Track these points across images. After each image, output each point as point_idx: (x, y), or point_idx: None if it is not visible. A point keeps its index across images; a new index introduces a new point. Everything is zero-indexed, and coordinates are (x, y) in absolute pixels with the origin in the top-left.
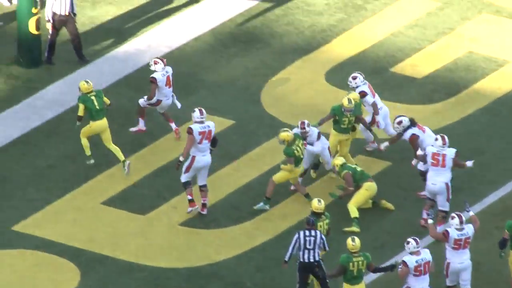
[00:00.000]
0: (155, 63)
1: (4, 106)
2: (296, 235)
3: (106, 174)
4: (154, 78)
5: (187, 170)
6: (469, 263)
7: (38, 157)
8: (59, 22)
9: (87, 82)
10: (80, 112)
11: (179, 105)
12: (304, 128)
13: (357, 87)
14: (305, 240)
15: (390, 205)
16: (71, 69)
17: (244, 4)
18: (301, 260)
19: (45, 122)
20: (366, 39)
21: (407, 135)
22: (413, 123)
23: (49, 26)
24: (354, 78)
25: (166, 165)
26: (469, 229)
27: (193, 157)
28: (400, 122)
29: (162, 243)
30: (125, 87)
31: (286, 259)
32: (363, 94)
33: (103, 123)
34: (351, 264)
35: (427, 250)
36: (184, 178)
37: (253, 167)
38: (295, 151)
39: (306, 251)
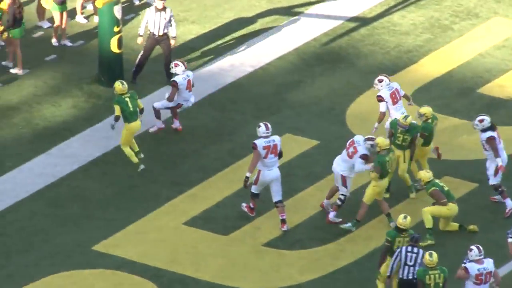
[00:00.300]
0: (176, 65)
1: (85, 124)
2: (398, 250)
3: (188, 194)
4: (175, 82)
5: (255, 183)
6: None
7: (119, 176)
8: (154, 41)
9: (122, 83)
10: (117, 112)
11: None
12: (371, 141)
13: (380, 90)
14: (406, 256)
15: (475, 227)
16: (152, 89)
17: (329, 23)
18: (401, 276)
19: None
20: (453, 59)
21: (485, 135)
22: (493, 127)
23: (140, 41)
24: (380, 81)
25: (249, 185)
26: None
27: (259, 171)
28: (482, 121)
29: (245, 263)
30: (208, 106)
31: (388, 274)
32: (379, 99)
33: (137, 124)
34: (427, 277)
35: (490, 260)
36: (253, 189)
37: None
38: (386, 162)
39: (406, 268)
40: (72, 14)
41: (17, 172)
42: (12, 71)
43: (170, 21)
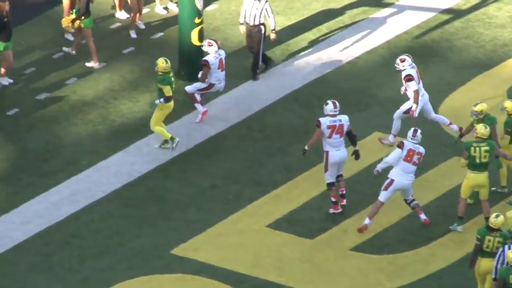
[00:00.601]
0: (209, 44)
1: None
2: (501, 249)
3: (272, 195)
4: (207, 61)
5: (326, 169)
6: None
7: (200, 176)
8: (248, 31)
9: (166, 61)
10: (169, 92)
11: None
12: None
13: (404, 70)
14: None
15: None
16: (235, 84)
17: (422, 15)
18: None
19: (208, 138)
20: None
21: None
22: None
23: (241, 29)
24: (402, 60)
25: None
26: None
27: (327, 152)
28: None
29: (331, 269)
30: (293, 102)
31: (494, 276)
32: (409, 78)
33: (172, 104)
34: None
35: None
36: (328, 177)
37: (429, 189)
38: (472, 150)
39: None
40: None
41: (92, 171)
42: (88, 64)
43: (262, 11)
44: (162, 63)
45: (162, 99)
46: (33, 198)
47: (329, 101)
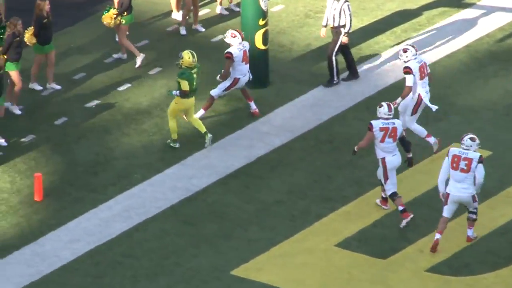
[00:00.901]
0: (233, 36)
1: (224, 131)
2: None
3: (341, 212)
4: (230, 53)
5: (386, 177)
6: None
7: (263, 191)
8: (331, 33)
9: (193, 55)
10: (186, 87)
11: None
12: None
13: (407, 61)
14: None
15: None
16: (302, 90)
17: (505, 16)
18: None
19: (272, 150)
20: None
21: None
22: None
23: (322, 32)
24: (405, 51)
25: (413, 201)
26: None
27: (383, 159)
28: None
29: None
30: (365, 111)
31: None
32: (406, 71)
33: (192, 101)
34: None
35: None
36: (389, 187)
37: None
38: None
39: None
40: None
41: (146, 185)
42: (115, 56)
43: (341, 12)
44: (188, 58)
45: (177, 92)
46: (82, 215)
47: (383, 103)
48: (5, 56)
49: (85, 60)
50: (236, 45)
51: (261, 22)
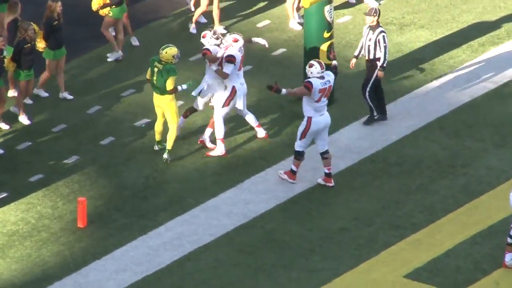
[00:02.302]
0: (235, 40)
1: (285, 153)
2: None
3: (411, 240)
4: (233, 56)
5: (303, 136)
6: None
7: (326, 217)
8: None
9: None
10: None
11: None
12: None
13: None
14: None
15: None
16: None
17: None
18: None
19: (336, 173)
20: None
21: None
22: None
23: (352, 63)
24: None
25: (489, 230)
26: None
27: (309, 118)
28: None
29: None
30: (438, 131)
31: None
32: (228, 60)
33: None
34: None
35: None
36: (299, 146)
37: None
38: None
39: None
40: None
41: (199, 211)
42: (111, 57)
43: (376, 44)
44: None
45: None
46: (129, 242)
47: (314, 62)
48: (14, 63)
49: (133, 75)
50: (237, 48)
51: (326, 35)
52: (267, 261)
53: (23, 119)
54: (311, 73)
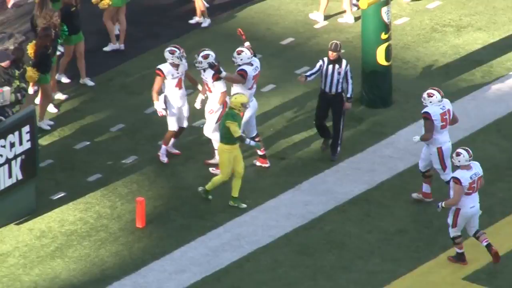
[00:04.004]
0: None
1: (344, 154)
2: None
3: (469, 243)
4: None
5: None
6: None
7: (385, 219)
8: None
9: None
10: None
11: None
12: None
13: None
14: None
15: None
16: None
17: None
18: None
19: (395, 175)
20: None
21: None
22: None
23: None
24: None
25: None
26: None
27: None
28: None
29: None
30: (496, 134)
31: None
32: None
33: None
34: None
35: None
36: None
37: None
38: None
39: None
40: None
41: (258, 212)
42: (108, 48)
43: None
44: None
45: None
46: (188, 243)
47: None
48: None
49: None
50: (246, 59)
51: (384, 36)
52: (326, 263)
53: (51, 108)
54: (241, 59)
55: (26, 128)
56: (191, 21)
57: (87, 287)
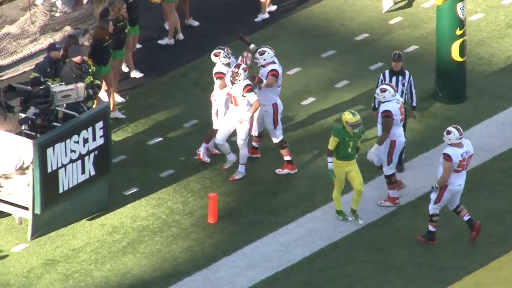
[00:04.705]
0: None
1: (416, 150)
2: None
3: None
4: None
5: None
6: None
7: (457, 215)
8: None
9: (354, 114)
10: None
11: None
12: None
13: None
14: None
15: None
16: (502, 107)
17: None
18: None
19: (468, 170)
20: None
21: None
22: None
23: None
24: (261, 53)
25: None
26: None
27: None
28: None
29: None
30: None
31: None
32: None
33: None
34: None
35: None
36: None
37: None
38: None
39: None
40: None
41: (330, 208)
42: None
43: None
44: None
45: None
46: (260, 239)
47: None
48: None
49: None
50: (269, 58)
51: (458, 32)
52: (397, 258)
53: (118, 97)
54: (265, 60)
55: (100, 124)
56: (257, 19)
57: (158, 283)
